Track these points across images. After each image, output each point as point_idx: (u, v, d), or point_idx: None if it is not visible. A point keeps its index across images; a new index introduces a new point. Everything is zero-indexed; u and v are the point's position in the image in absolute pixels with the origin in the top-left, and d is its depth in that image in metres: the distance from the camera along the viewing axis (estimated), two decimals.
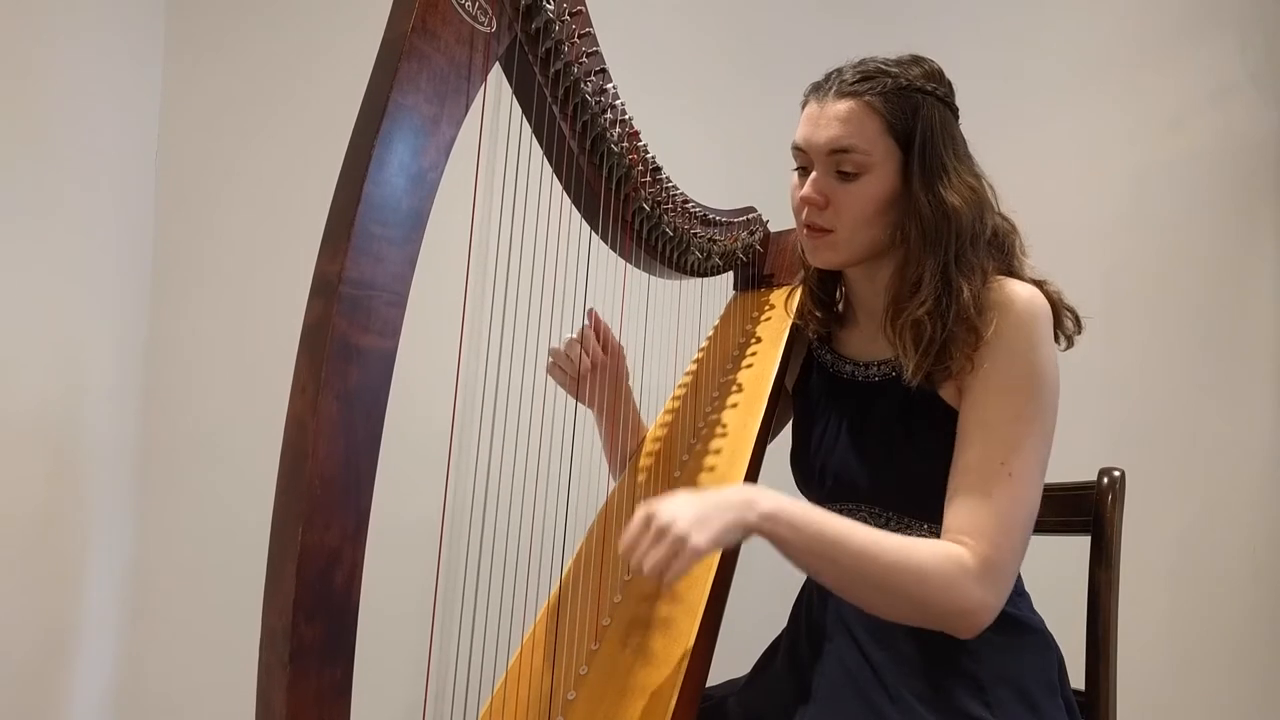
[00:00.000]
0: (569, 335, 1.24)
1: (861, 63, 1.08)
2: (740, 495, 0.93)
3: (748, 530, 0.92)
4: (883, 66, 1.07)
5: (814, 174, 1.08)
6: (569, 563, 1.13)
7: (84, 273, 1.90)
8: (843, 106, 1.06)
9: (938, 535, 1.04)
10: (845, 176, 1.06)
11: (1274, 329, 1.90)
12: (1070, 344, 1.07)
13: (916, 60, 1.09)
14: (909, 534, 1.05)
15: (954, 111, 1.09)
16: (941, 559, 0.94)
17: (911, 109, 1.05)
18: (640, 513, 0.90)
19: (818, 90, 1.09)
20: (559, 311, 1.07)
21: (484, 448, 0.94)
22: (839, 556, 0.94)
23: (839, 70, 1.09)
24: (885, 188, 1.05)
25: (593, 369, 1.26)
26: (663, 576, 0.88)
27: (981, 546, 0.95)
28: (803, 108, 1.11)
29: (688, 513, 0.89)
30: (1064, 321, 1.06)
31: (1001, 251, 1.07)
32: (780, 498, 0.94)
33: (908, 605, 0.96)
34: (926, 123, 1.05)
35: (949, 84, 1.10)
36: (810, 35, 2.01)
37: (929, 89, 1.06)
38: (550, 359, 1.26)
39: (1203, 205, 1.94)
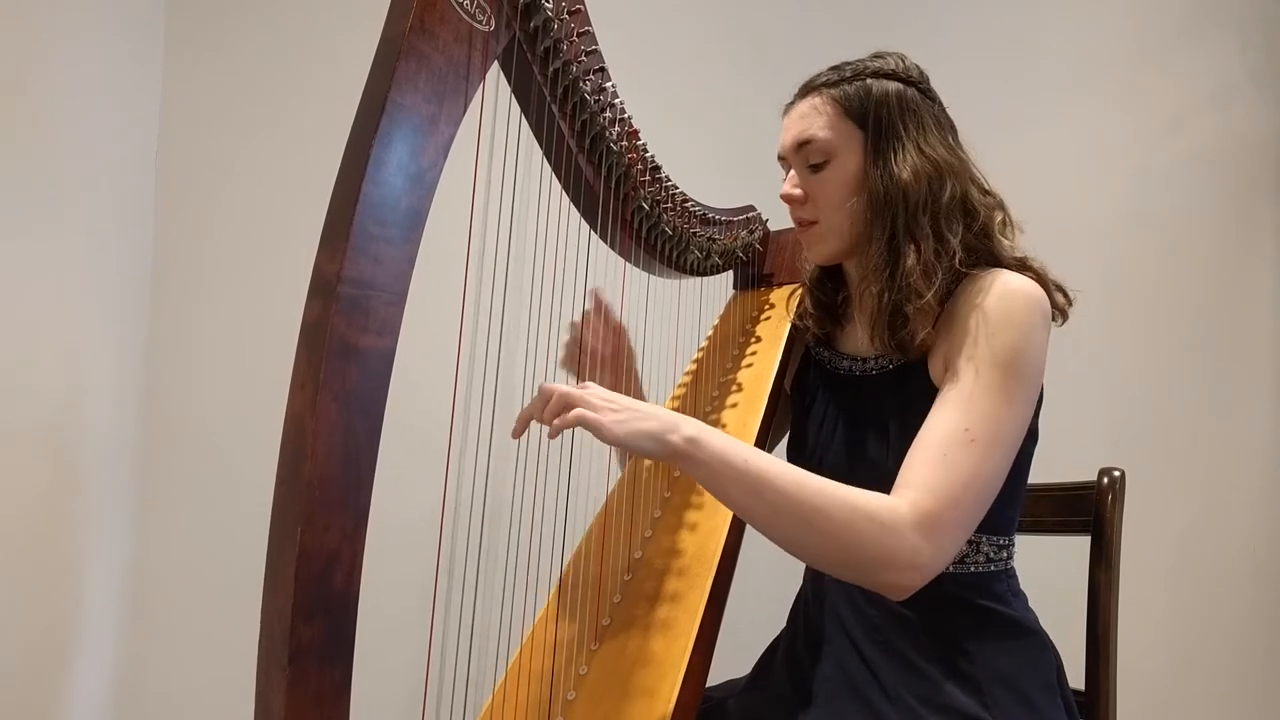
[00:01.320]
0: (573, 320, 1.26)
1: (828, 68, 1.12)
2: (671, 416, 0.93)
3: (667, 449, 0.91)
4: (843, 62, 1.11)
5: (791, 172, 1.13)
6: (569, 563, 1.13)
7: (84, 273, 1.90)
8: (804, 104, 1.11)
9: None
10: (816, 168, 1.10)
11: (1274, 329, 1.90)
12: (1065, 318, 1.07)
13: (882, 54, 1.12)
14: None
15: (922, 90, 1.11)
16: (877, 504, 0.91)
17: (865, 91, 1.08)
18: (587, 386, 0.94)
19: (789, 104, 1.15)
20: (558, 311, 1.07)
21: (483, 447, 0.94)
22: (764, 491, 0.91)
23: (806, 80, 1.14)
24: (851, 170, 1.08)
25: (603, 355, 1.27)
26: (561, 417, 0.90)
27: (925, 500, 0.92)
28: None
29: (625, 401, 0.92)
30: (1053, 296, 1.05)
31: (974, 220, 1.06)
32: (707, 430, 0.93)
33: (835, 548, 0.92)
34: (881, 101, 1.08)
35: (916, 68, 1.12)
36: (810, 36, 2.01)
37: (886, 71, 1.09)
38: (564, 352, 1.28)
39: (1203, 205, 1.94)
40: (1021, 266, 1.05)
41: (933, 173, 1.05)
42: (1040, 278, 1.04)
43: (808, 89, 1.12)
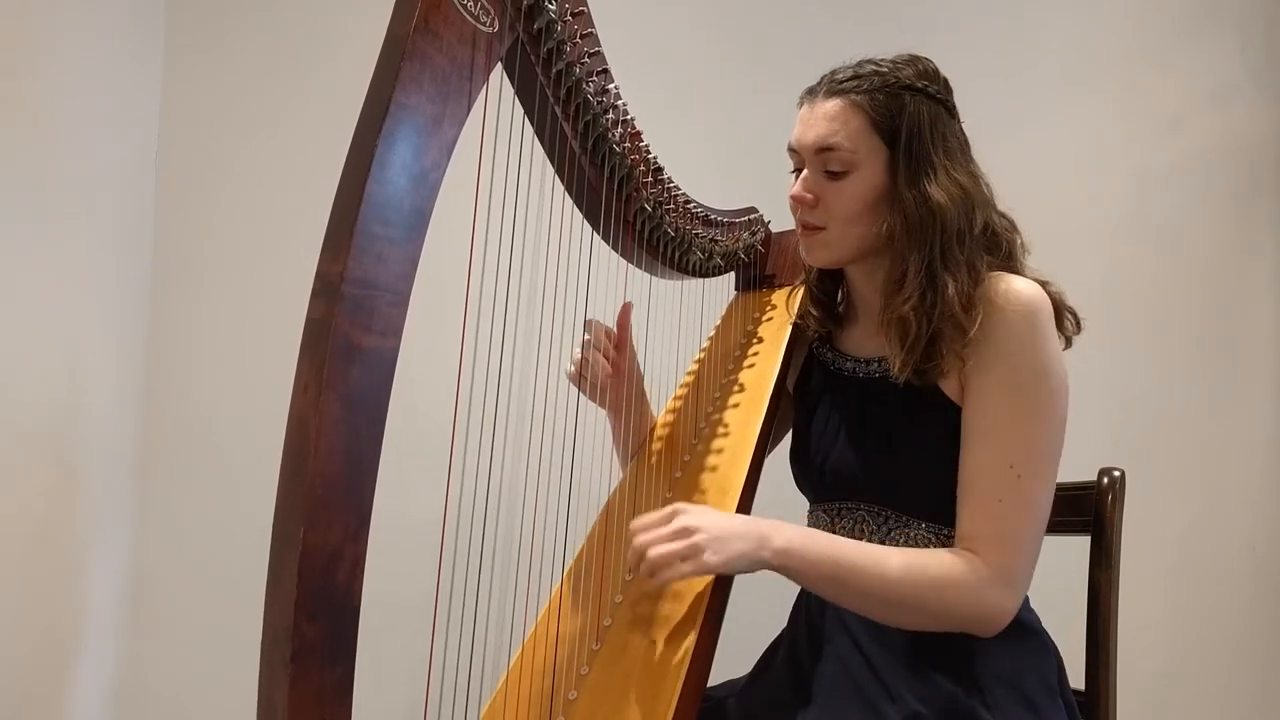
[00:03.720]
0: (586, 337, 1.23)
1: (855, 64, 1.09)
2: (757, 529, 0.96)
3: (760, 564, 0.96)
4: (874, 66, 1.08)
5: (804, 173, 1.10)
6: (570, 563, 1.14)
7: (84, 273, 1.90)
8: (830, 105, 1.07)
9: (936, 533, 1.05)
10: (833, 175, 1.08)
11: (1274, 329, 1.90)
12: (1069, 344, 1.07)
13: (912, 60, 1.09)
14: (907, 532, 1.06)
15: (948, 109, 1.09)
16: (956, 569, 0.96)
17: (898, 107, 1.05)
18: (669, 509, 0.96)
19: (811, 92, 1.11)
20: (561, 312, 1.07)
21: (486, 447, 0.94)
22: (854, 581, 0.97)
23: (832, 72, 1.10)
24: (872, 185, 1.06)
25: (613, 373, 1.25)
26: (660, 574, 0.92)
27: (994, 553, 0.97)
28: (798, 110, 1.12)
29: (712, 527, 0.94)
30: (1064, 322, 1.06)
31: (998, 249, 1.07)
32: (791, 533, 0.97)
33: (928, 617, 0.98)
34: (913, 119, 1.05)
35: (943, 82, 1.10)
36: (812, 37, 2.01)
37: (919, 86, 1.07)
38: (572, 366, 1.25)
39: (1203, 205, 1.94)
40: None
41: (964, 200, 1.04)
42: (1056, 303, 1.04)
43: (835, 89, 1.07)
